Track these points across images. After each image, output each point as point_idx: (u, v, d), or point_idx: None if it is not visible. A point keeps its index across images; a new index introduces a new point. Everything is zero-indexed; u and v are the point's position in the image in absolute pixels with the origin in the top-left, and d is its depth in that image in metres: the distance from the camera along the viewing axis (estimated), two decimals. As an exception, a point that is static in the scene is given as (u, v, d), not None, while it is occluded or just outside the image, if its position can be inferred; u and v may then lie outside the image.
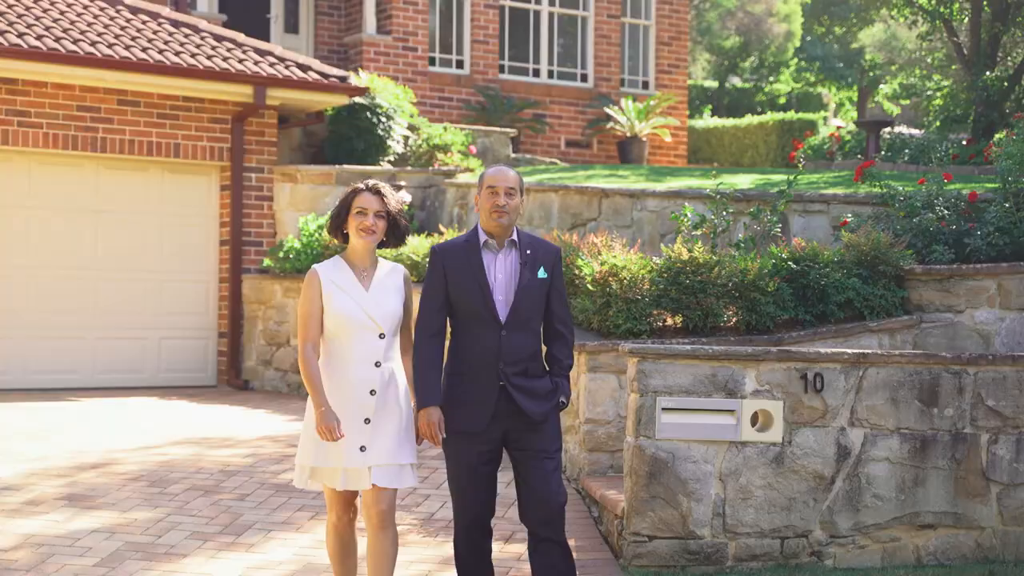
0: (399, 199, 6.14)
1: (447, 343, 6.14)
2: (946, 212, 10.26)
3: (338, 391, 5.91)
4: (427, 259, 12.06)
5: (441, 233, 12.79)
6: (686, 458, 7.42)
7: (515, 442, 6.07)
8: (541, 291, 6.06)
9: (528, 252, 6.06)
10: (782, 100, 34.52)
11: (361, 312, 5.91)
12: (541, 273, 6.05)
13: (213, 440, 10.40)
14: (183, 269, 14.83)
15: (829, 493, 7.60)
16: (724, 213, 10.20)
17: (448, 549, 7.61)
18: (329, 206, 14.55)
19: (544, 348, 6.19)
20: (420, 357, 6.00)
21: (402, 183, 15.17)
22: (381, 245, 6.07)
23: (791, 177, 10.68)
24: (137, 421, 11.50)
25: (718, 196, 10.34)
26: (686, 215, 10.04)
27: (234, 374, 14.59)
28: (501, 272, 6.03)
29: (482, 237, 6.07)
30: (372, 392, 5.92)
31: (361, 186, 6.06)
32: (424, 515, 8.29)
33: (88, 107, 14.13)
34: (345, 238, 6.07)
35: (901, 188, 10.76)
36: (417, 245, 12.45)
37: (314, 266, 6.03)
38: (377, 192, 6.02)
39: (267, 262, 14.53)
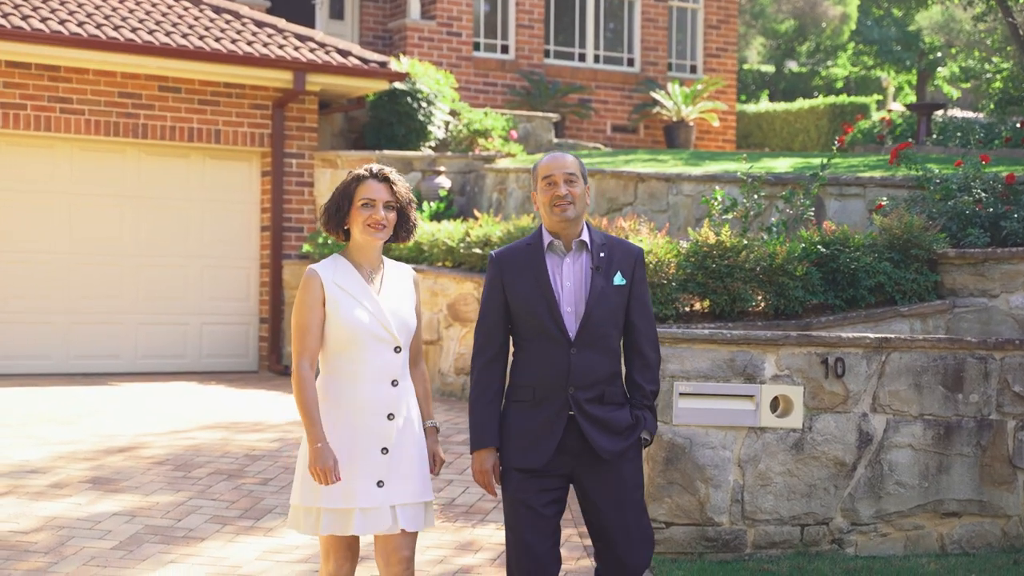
0: (407, 186, 5.17)
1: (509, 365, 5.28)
2: (983, 195, 10.06)
3: (349, 416, 5.00)
4: (462, 244, 12.08)
5: (475, 218, 12.75)
6: (704, 444, 7.33)
7: (584, 484, 5.13)
8: (618, 300, 5.13)
9: (602, 255, 5.14)
10: (839, 84, 34.14)
11: (375, 322, 5.01)
12: (618, 279, 5.13)
13: (242, 425, 10.44)
14: (224, 255, 14.90)
15: (850, 480, 7.48)
16: (755, 197, 10.08)
17: (466, 535, 7.58)
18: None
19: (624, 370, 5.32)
20: (475, 388, 5.16)
21: (441, 168, 15.15)
22: (388, 240, 5.15)
23: (825, 160, 10.52)
24: (171, 406, 11.57)
25: (749, 180, 10.21)
26: (716, 199, 9.93)
27: (275, 359, 14.64)
28: (569, 279, 5.12)
29: (546, 239, 5.16)
30: (390, 416, 5.01)
31: (364, 172, 5.08)
32: (445, 500, 8.25)
33: (129, 94, 14.22)
34: (346, 235, 5.12)
35: (938, 171, 10.57)
36: (453, 230, 12.43)
37: (312, 266, 5.08)
38: (385, 179, 5.06)
39: (306, 248, 14.56)
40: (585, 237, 5.17)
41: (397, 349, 5.05)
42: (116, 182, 14.39)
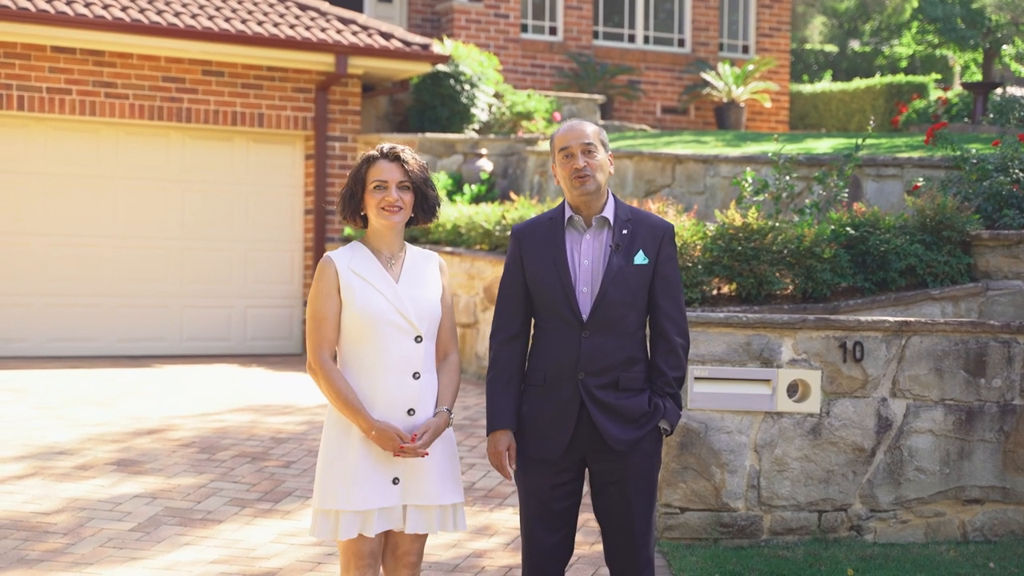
0: (422, 163, 4.90)
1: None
2: (1020, 175, 9.85)
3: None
4: (498, 227, 12.05)
5: (512, 201, 12.70)
6: (719, 428, 7.25)
7: (595, 473, 4.92)
8: (639, 281, 4.82)
9: (624, 232, 4.85)
10: (903, 64, 33.63)
11: (392, 309, 4.73)
12: (640, 258, 4.82)
13: (272, 407, 10.49)
14: (268, 238, 14.97)
15: (869, 466, 7.37)
16: (787, 178, 9.94)
17: (483, 519, 7.57)
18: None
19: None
20: (492, 367, 4.94)
21: (483, 151, 15.12)
22: (409, 223, 4.86)
23: (860, 141, 10.36)
24: (207, 388, 11.64)
25: (780, 161, 10.07)
26: (747, 180, 9.81)
27: (318, 342, 14.67)
28: (587, 256, 4.85)
29: (567, 213, 4.91)
30: (410, 411, 4.73)
31: (374, 153, 4.84)
32: (466, 483, 8.23)
33: (173, 78, 14.31)
34: (364, 222, 4.86)
35: (975, 150, 10.36)
36: (490, 213, 12.40)
37: (328, 253, 4.82)
38: (396, 158, 4.80)
39: (348, 231, 14.59)
40: (608, 212, 4.88)
41: (418, 339, 4.75)
42: (160, 166, 14.51)
